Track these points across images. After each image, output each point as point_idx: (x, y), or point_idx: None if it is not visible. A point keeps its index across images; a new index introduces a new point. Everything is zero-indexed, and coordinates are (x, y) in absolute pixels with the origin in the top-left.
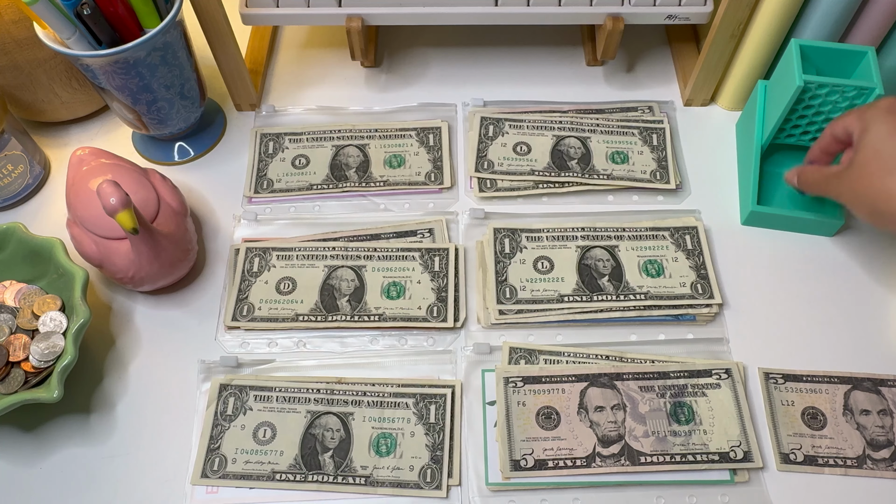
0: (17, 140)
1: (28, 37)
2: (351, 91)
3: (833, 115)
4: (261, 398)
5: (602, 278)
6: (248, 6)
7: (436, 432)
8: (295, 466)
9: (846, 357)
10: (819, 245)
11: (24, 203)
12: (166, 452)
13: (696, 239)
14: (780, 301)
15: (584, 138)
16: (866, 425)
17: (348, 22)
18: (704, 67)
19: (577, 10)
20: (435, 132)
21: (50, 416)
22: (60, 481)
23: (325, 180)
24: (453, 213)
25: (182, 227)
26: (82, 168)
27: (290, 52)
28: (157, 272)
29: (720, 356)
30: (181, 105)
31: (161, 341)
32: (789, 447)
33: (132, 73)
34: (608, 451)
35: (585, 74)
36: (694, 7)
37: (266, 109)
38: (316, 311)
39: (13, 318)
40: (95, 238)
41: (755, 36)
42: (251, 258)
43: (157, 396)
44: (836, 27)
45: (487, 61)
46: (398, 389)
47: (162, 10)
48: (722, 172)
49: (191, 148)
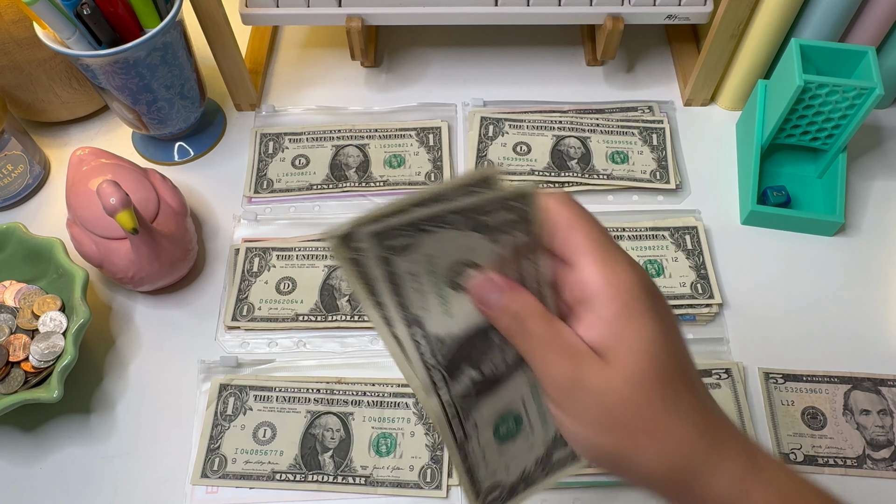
0: (17, 140)
1: (28, 37)
2: (351, 91)
3: (833, 114)
4: (261, 398)
5: None
6: (248, 6)
7: (435, 432)
8: (295, 466)
9: (846, 357)
10: (819, 245)
11: (24, 203)
12: (166, 452)
13: (695, 239)
14: (780, 301)
15: (584, 138)
16: (866, 425)
17: (348, 22)
18: (704, 67)
19: (577, 10)
20: (435, 132)
21: (50, 416)
22: (60, 481)
23: (325, 180)
24: None
25: (182, 227)
26: (82, 168)
27: (290, 52)
28: (157, 272)
29: (720, 356)
30: (181, 105)
31: (161, 341)
32: (789, 447)
33: (132, 73)
34: None
35: (585, 74)
36: (694, 7)
37: (266, 109)
38: (316, 311)
39: (13, 318)
40: (95, 238)
41: (755, 36)
42: (251, 258)
43: (157, 396)
44: (836, 27)
45: (487, 61)
46: (398, 389)
47: (162, 10)
48: (722, 172)
49: (191, 148)
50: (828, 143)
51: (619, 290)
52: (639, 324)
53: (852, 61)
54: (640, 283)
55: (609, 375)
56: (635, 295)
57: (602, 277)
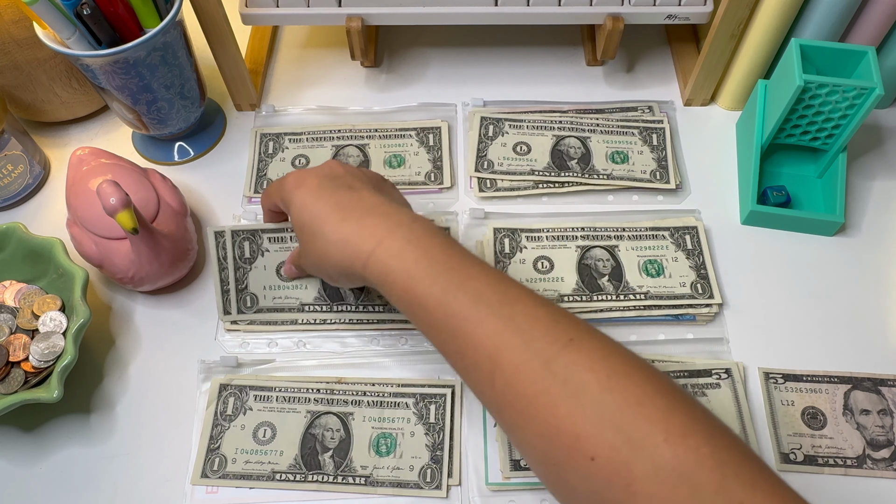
0: (17, 140)
1: (28, 37)
2: (351, 91)
3: (833, 114)
4: (261, 398)
5: (602, 278)
6: (248, 6)
7: (436, 432)
8: (295, 466)
9: (846, 357)
10: (819, 245)
11: (24, 203)
12: (166, 452)
13: (695, 239)
14: (780, 301)
15: (584, 138)
16: (866, 425)
17: (348, 22)
18: (704, 67)
19: (577, 10)
20: (435, 132)
21: (50, 416)
22: (60, 481)
23: None
24: (453, 213)
25: (182, 227)
26: (82, 168)
27: (290, 52)
28: (157, 272)
29: (720, 356)
30: (181, 105)
31: (161, 341)
32: (789, 447)
33: (132, 73)
34: None
35: (585, 74)
36: (694, 7)
37: (266, 109)
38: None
39: (13, 318)
40: (95, 238)
41: (755, 36)
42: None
43: (157, 396)
44: (836, 27)
45: (487, 61)
46: (398, 389)
47: (162, 10)
48: (722, 172)
49: (191, 148)
50: (828, 143)
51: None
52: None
53: (852, 61)
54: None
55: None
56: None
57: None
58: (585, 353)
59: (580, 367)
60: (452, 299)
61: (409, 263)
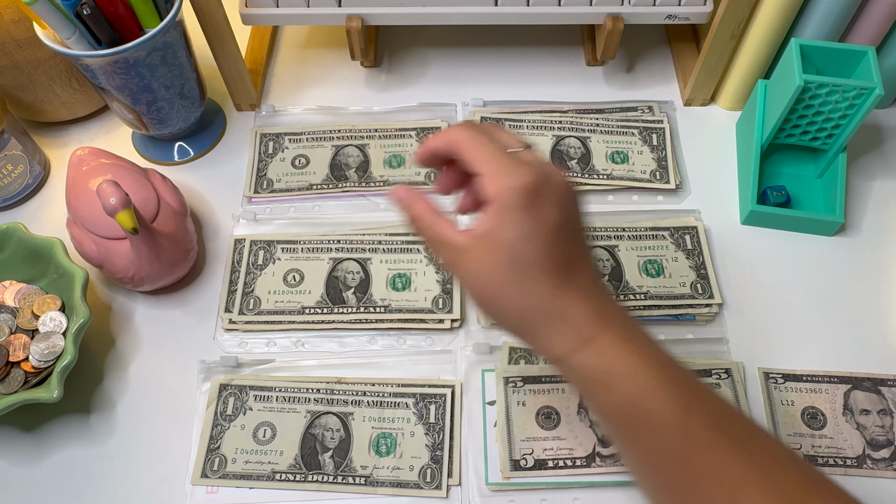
0: (17, 140)
1: (28, 37)
2: (351, 91)
3: (833, 114)
4: (261, 398)
5: (602, 278)
6: (248, 6)
7: (436, 432)
8: (295, 466)
9: (846, 357)
10: (819, 245)
11: (24, 203)
12: (166, 452)
13: (695, 239)
14: (780, 301)
15: (584, 138)
16: (866, 425)
17: (348, 22)
18: (704, 67)
19: (577, 10)
20: (435, 132)
21: (50, 416)
22: (60, 481)
23: (325, 180)
24: (453, 213)
25: (182, 227)
26: (82, 168)
27: (290, 52)
28: (157, 272)
29: (720, 356)
30: (181, 105)
31: (161, 341)
32: (789, 447)
33: (132, 73)
34: (608, 450)
35: (585, 74)
36: (694, 7)
37: (266, 109)
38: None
39: (13, 318)
40: (95, 238)
41: (755, 36)
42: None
43: (157, 396)
44: (836, 27)
45: (487, 61)
46: (398, 389)
47: (162, 10)
48: (722, 172)
49: (191, 148)
50: (828, 143)
51: (499, 194)
52: (506, 221)
53: (852, 61)
54: (519, 189)
55: (472, 259)
56: (509, 199)
57: (489, 185)
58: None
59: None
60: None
61: (638, 369)
